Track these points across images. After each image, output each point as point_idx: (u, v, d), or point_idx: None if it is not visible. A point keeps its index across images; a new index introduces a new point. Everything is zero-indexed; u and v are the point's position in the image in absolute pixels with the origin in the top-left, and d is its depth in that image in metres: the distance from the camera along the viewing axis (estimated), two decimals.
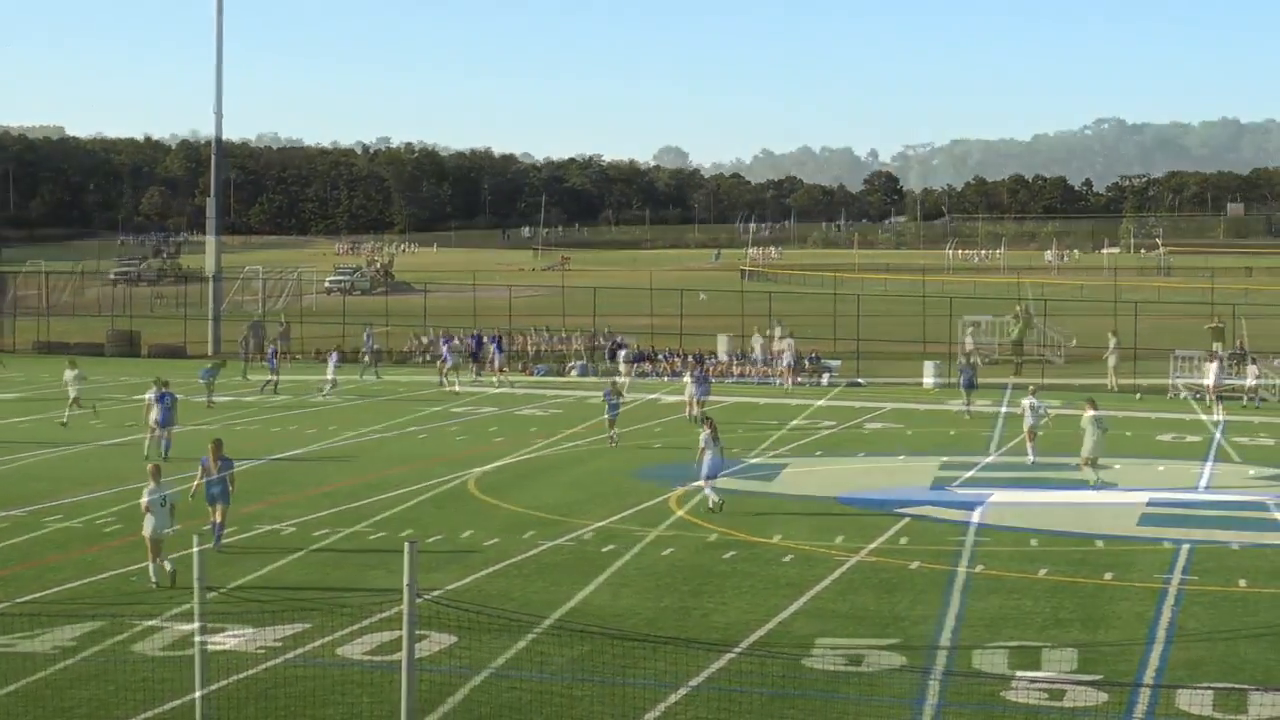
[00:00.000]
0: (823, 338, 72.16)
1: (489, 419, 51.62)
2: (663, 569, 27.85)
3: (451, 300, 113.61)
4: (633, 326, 78.24)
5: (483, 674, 21.18)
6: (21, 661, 21.61)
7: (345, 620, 23.54)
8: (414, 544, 15.68)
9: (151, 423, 41.79)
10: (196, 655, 15.57)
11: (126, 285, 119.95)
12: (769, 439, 46.15)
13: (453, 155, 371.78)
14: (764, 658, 21.62)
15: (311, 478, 38.52)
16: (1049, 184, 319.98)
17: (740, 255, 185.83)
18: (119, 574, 27.59)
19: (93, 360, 76.58)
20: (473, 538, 30.62)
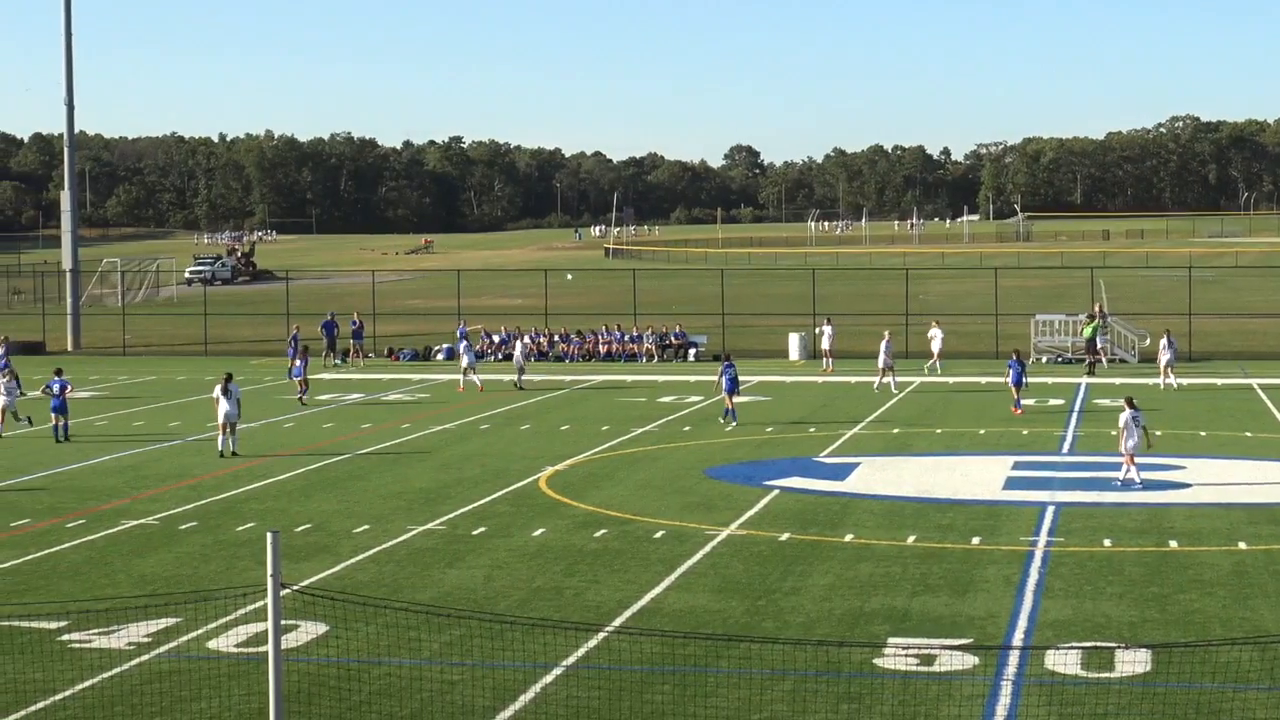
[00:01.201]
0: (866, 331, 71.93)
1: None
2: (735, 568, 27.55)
3: (313, 287, 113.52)
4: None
5: (355, 661, 21.21)
6: (97, 658, 21.66)
7: (215, 613, 23.34)
8: (276, 533, 15.49)
9: (222, 418, 42.12)
10: (270, 651, 15.33)
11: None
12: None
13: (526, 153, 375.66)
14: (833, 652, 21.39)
15: (389, 475, 38.37)
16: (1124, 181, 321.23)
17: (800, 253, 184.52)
18: (195, 571, 27.62)
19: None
20: (545, 536, 30.39)
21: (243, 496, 35.26)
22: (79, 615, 23.58)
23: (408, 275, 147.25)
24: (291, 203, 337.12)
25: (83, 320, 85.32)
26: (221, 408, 42.08)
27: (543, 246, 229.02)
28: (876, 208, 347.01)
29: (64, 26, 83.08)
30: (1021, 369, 50.98)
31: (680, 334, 73.47)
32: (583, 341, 73.25)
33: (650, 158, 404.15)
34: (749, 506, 33.26)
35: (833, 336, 65.35)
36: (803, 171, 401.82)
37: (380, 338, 76.65)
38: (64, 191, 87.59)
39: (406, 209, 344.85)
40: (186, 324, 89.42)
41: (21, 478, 38.33)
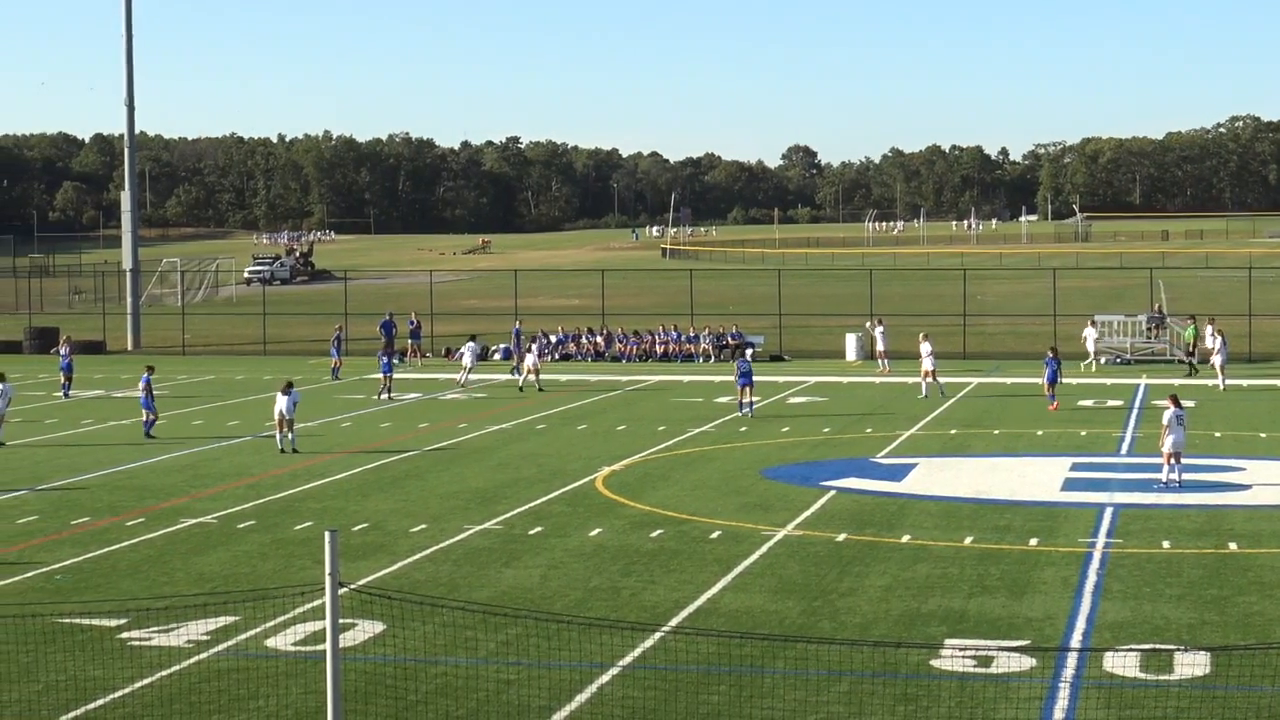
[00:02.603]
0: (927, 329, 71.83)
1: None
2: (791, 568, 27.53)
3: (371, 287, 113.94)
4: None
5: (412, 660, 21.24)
6: (156, 655, 21.79)
7: (273, 611, 23.43)
8: (334, 533, 15.52)
9: (277, 415, 42.78)
10: (328, 649, 15.40)
11: (39, 279, 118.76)
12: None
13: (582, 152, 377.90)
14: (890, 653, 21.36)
15: (446, 474, 38.50)
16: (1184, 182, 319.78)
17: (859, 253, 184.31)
18: (253, 569, 27.79)
19: (11, 359, 76.20)
20: (601, 536, 30.43)
21: (300, 495, 35.41)
22: (138, 613, 23.71)
23: (465, 275, 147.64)
24: (350, 203, 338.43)
25: (143, 320, 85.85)
26: (278, 406, 42.76)
27: (599, 247, 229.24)
28: (934, 208, 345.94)
29: (124, 28, 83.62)
30: (1057, 366, 51.01)
31: (737, 334, 73.38)
32: (639, 341, 73.30)
33: (707, 158, 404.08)
34: (805, 507, 33.21)
35: (885, 336, 65.04)
36: (860, 172, 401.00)
37: (437, 337, 76.86)
38: (124, 192, 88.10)
39: (464, 209, 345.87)
40: (245, 324, 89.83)
41: (81, 476, 38.56)
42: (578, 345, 74.20)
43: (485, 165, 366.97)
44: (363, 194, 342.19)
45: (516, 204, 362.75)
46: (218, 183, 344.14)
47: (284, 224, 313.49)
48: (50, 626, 23.11)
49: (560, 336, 74.72)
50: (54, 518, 32.76)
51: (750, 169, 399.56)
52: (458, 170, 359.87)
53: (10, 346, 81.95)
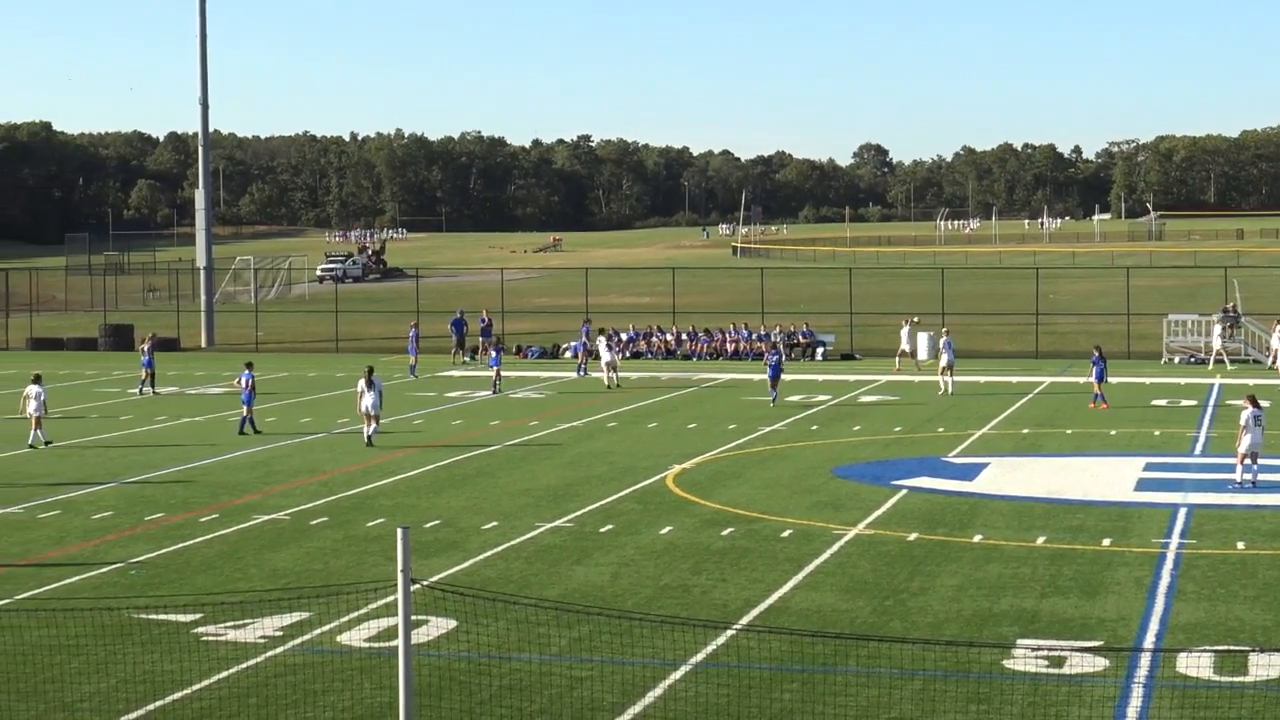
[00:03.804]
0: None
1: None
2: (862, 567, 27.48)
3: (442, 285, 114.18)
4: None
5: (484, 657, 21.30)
6: (230, 651, 21.95)
7: (346, 607, 23.52)
8: (406, 530, 15.57)
9: (364, 410, 43.36)
10: (400, 645, 15.50)
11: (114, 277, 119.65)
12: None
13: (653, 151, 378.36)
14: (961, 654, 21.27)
15: (517, 472, 38.64)
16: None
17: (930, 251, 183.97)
18: (325, 566, 27.97)
19: (89, 355, 76.90)
20: (672, 534, 30.44)
21: (373, 492, 35.55)
22: (212, 608, 23.87)
23: (536, 273, 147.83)
24: (421, 201, 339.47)
25: (216, 317, 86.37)
26: (364, 400, 43.24)
27: (670, 245, 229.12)
28: (1006, 206, 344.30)
29: (199, 27, 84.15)
30: (1104, 366, 50.93)
31: (808, 333, 73.31)
32: (710, 340, 73.27)
33: (778, 156, 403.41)
34: (877, 506, 33.13)
35: (914, 335, 64.47)
36: (932, 170, 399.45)
37: (508, 335, 76.98)
38: (198, 190, 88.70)
39: (535, 207, 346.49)
40: (318, 321, 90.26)
41: (156, 472, 38.82)
42: (648, 343, 74.22)
43: (556, 163, 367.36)
44: (434, 192, 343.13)
45: (587, 202, 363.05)
46: (291, 181, 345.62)
47: (356, 222, 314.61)
48: (125, 621, 23.30)
49: (631, 334, 74.77)
50: (129, 513, 33.00)
51: (821, 167, 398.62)
52: (529, 168, 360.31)
53: (86, 344, 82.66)
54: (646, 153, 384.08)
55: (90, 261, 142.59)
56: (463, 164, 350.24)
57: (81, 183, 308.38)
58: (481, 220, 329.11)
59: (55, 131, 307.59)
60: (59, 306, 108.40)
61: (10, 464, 39.26)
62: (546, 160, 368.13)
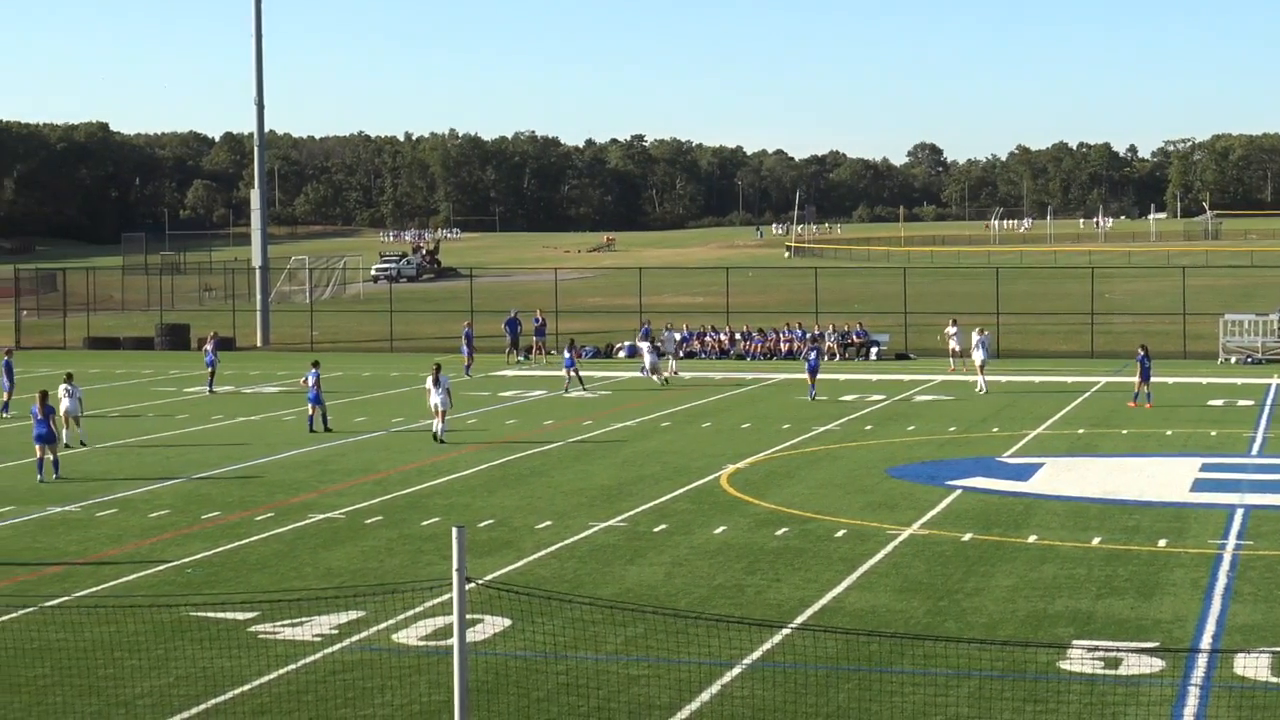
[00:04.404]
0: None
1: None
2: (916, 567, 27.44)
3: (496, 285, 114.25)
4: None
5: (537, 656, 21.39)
6: (285, 649, 22.07)
7: (401, 606, 23.60)
8: (462, 529, 15.62)
9: (433, 406, 44.07)
10: (455, 644, 15.56)
11: (170, 277, 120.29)
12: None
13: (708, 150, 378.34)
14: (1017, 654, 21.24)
15: (571, 471, 38.73)
16: None
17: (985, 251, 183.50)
18: (380, 565, 28.08)
19: (145, 355, 77.35)
20: (726, 534, 30.47)
21: (427, 491, 35.65)
22: (268, 606, 23.98)
23: (590, 273, 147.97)
24: (475, 201, 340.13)
25: (271, 316, 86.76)
26: (432, 397, 43.88)
27: (724, 245, 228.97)
28: (1061, 206, 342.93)
29: (254, 27, 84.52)
30: (1149, 364, 50.97)
31: (862, 332, 73.17)
32: (764, 339, 73.23)
33: (832, 155, 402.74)
34: (931, 506, 33.06)
35: (959, 337, 64.10)
36: (986, 169, 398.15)
37: (562, 335, 76.97)
38: (254, 190, 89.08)
39: (589, 207, 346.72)
40: (372, 321, 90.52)
41: (212, 471, 39.02)
42: (702, 343, 74.22)
43: (610, 163, 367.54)
44: (488, 192, 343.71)
45: (641, 202, 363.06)
46: (345, 181, 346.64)
47: (410, 222, 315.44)
48: (181, 619, 23.44)
49: (685, 334, 74.77)
50: (185, 512, 33.19)
51: (875, 166, 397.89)
52: (582, 168, 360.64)
53: (142, 343, 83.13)
54: (700, 152, 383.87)
55: (147, 261, 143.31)
56: (516, 164, 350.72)
57: (138, 183, 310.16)
58: (535, 220, 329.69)
59: (112, 132, 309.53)
60: (116, 306, 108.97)
61: (68, 463, 39.50)
62: (600, 160, 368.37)
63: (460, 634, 15.58)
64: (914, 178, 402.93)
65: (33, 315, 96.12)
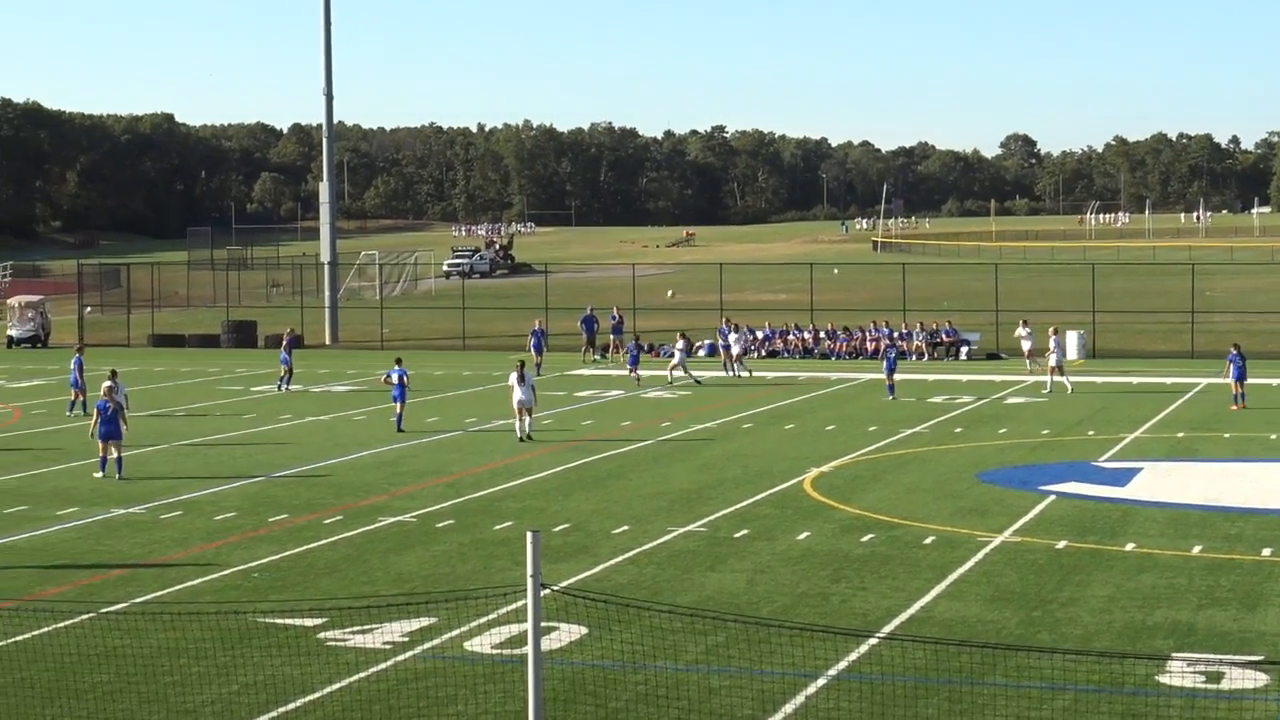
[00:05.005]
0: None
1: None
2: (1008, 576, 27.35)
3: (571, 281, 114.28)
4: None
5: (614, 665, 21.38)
6: (354, 657, 22.16)
7: (473, 613, 23.66)
8: (536, 533, 15.63)
9: (516, 404, 44.42)
10: (530, 653, 15.63)
11: (236, 272, 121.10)
12: None
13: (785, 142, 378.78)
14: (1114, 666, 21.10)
15: (649, 474, 38.78)
16: None
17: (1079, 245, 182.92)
18: (452, 570, 28.16)
19: (211, 352, 77.84)
20: (810, 540, 30.42)
21: (500, 494, 35.72)
22: (337, 613, 24.06)
23: (668, 269, 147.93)
24: (550, 194, 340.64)
25: (340, 314, 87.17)
26: (516, 395, 44.26)
27: (808, 239, 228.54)
28: (1160, 199, 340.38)
29: (323, 17, 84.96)
30: (1243, 363, 50.89)
31: (951, 331, 72.91)
32: (849, 338, 73.07)
33: (920, 147, 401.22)
34: (1024, 512, 32.89)
35: (1033, 338, 63.59)
36: (1082, 161, 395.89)
37: (640, 333, 77.03)
38: (322, 183, 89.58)
39: (667, 200, 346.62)
40: (444, 318, 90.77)
41: (279, 472, 39.24)
42: (785, 342, 74.14)
43: (689, 155, 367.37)
44: (563, 185, 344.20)
45: (721, 195, 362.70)
46: (416, 173, 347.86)
47: (483, 216, 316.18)
48: (248, 626, 23.57)
49: (767, 332, 74.71)
50: (252, 515, 33.38)
51: (966, 158, 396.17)
52: (661, 160, 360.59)
53: (208, 340, 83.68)
54: (783, 144, 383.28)
55: (213, 256, 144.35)
56: (593, 156, 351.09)
57: (204, 176, 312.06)
58: (612, 214, 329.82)
59: (177, 123, 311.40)
60: (181, 302, 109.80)
61: (132, 463, 39.81)
62: (679, 152, 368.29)
63: (535, 642, 15.60)
64: (1006, 170, 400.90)
65: (96, 312, 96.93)
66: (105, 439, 38.06)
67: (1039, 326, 62.51)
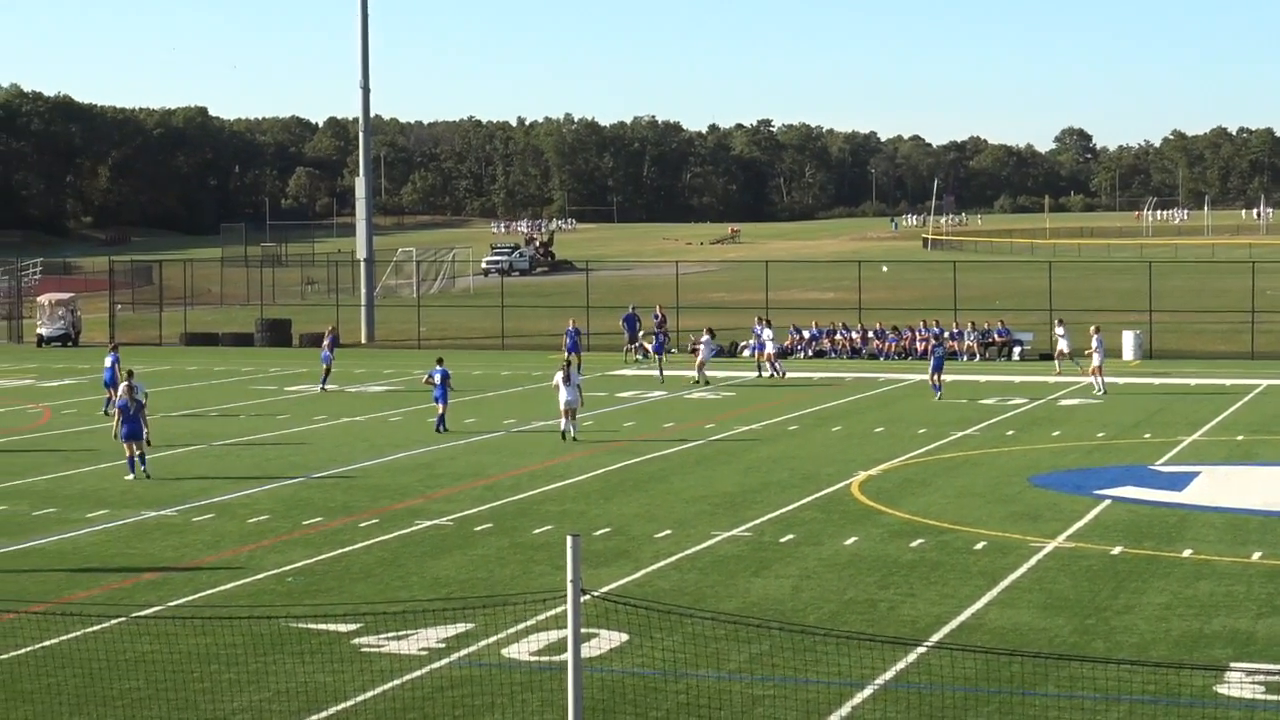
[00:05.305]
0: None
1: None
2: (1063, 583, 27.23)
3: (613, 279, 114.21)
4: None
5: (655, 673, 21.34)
6: (389, 663, 22.18)
7: (511, 619, 23.64)
8: (577, 537, 15.61)
9: (562, 404, 44.76)
10: (569, 660, 15.64)
11: (270, 269, 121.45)
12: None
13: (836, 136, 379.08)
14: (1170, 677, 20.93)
15: (692, 477, 38.73)
16: None
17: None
18: (490, 575, 28.17)
19: (245, 351, 78.06)
20: (857, 545, 30.35)
21: (539, 498, 35.72)
22: (371, 618, 24.08)
23: (713, 266, 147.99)
24: (591, 190, 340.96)
25: (377, 312, 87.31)
26: (562, 395, 44.49)
27: (856, 236, 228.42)
28: (1219, 195, 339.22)
29: (360, 7, 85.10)
30: None
31: (1004, 331, 72.70)
32: (898, 338, 72.92)
33: (972, 141, 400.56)
34: (1078, 517, 32.76)
35: (1068, 338, 63.23)
36: (1138, 156, 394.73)
37: (684, 332, 76.95)
38: (359, 178, 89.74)
39: (712, 196, 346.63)
40: (482, 316, 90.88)
41: (313, 475, 39.30)
42: (832, 341, 74.03)
43: (734, 150, 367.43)
44: (605, 180, 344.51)
45: (767, 191, 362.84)
46: (455, 168, 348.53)
47: (523, 212, 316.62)
48: (281, 631, 23.59)
49: (814, 332, 74.61)
50: (285, 518, 33.44)
51: (1019, 153, 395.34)
52: (705, 155, 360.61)
53: (241, 339, 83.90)
54: (831, 138, 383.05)
55: (246, 253, 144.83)
56: (635, 150, 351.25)
57: (237, 170, 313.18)
58: (655, 210, 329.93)
59: (211, 117, 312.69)
60: (214, 300, 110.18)
61: (164, 464, 39.95)
62: (724, 146, 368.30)
63: (574, 649, 15.57)
64: (1060, 165, 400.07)
65: (128, 309, 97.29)
66: (129, 439, 38.29)
67: (1079, 327, 62.22)
